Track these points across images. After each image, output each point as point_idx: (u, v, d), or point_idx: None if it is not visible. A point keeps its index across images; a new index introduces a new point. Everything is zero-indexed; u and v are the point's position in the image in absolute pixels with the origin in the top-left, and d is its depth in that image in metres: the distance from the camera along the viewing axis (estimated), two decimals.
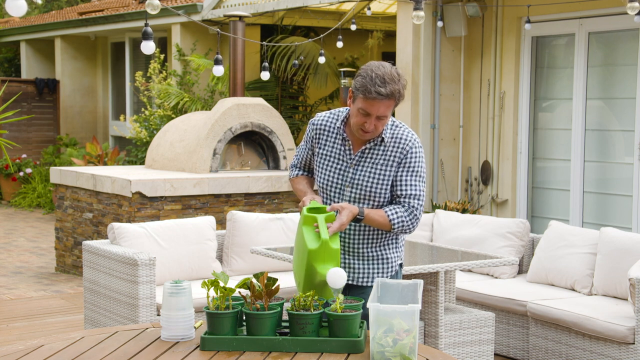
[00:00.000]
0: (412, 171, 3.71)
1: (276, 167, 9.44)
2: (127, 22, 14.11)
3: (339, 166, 3.77)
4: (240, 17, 9.38)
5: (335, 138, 3.80)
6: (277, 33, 12.72)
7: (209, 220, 6.37)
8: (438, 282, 5.32)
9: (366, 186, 3.72)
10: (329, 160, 3.80)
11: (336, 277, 3.41)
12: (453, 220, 6.96)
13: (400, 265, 3.94)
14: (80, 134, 16.48)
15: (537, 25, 8.75)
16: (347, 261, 3.83)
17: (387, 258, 3.85)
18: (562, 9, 8.40)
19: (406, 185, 3.71)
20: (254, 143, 9.49)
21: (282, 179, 8.94)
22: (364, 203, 3.74)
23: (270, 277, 3.33)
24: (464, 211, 8.75)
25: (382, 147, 3.72)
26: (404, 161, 3.70)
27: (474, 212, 8.94)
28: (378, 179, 3.71)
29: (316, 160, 3.87)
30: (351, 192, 3.74)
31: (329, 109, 13.94)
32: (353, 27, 9.84)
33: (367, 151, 3.73)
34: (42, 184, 14.58)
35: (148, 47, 5.91)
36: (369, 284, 3.83)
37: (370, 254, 3.82)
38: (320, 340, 3.25)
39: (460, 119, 9.55)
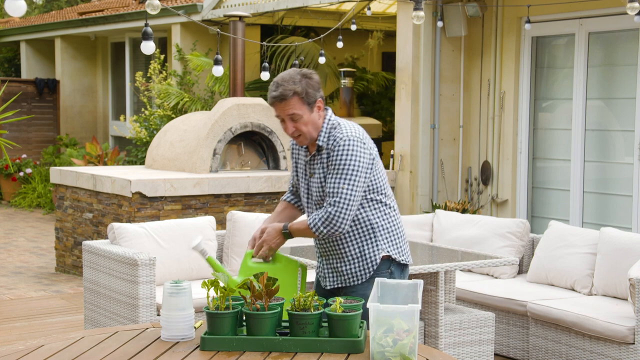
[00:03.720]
0: (334, 169, 3.70)
1: (276, 167, 9.44)
2: (127, 22, 14.11)
3: (303, 177, 3.89)
4: (240, 17, 9.38)
5: (304, 151, 3.89)
6: (277, 33, 12.72)
7: (209, 220, 6.37)
8: (438, 282, 5.32)
9: (317, 194, 3.79)
10: (300, 174, 3.92)
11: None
12: (453, 220, 6.96)
13: (392, 259, 3.87)
14: (80, 134, 16.48)
15: (537, 25, 8.75)
16: (331, 265, 3.88)
17: (365, 254, 3.82)
18: (562, 9, 8.40)
19: (329, 182, 3.71)
20: (254, 143, 9.50)
21: (282, 179, 8.94)
22: (316, 208, 3.82)
23: (270, 277, 3.34)
24: (464, 211, 8.75)
25: (322, 153, 3.77)
26: (329, 160, 3.72)
27: (474, 212, 8.94)
28: (323, 185, 3.76)
29: None
30: (307, 200, 3.86)
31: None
32: (353, 27, 9.85)
33: (313, 160, 3.81)
34: (42, 184, 14.59)
35: (148, 47, 5.92)
36: (357, 282, 3.84)
37: (349, 253, 3.83)
38: (320, 340, 3.25)
39: (460, 119, 9.55)
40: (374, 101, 13.31)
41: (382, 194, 3.79)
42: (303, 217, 3.84)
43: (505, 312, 6.03)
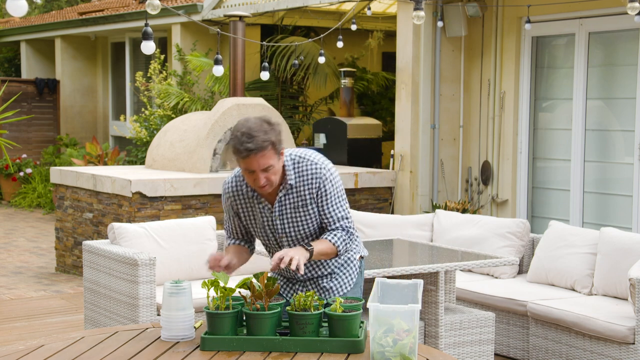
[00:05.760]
0: (332, 198, 3.67)
1: None
2: (127, 22, 14.11)
3: (266, 222, 3.72)
4: (240, 17, 9.38)
5: (250, 198, 3.72)
6: (277, 33, 12.72)
7: (209, 220, 6.37)
8: (438, 282, 5.32)
9: (299, 230, 3.69)
10: (256, 220, 3.75)
11: None
12: (453, 220, 6.96)
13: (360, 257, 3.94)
14: (80, 134, 16.48)
15: (537, 25, 8.75)
16: (318, 283, 3.82)
17: (349, 265, 3.85)
18: (562, 9, 8.40)
19: (332, 212, 3.67)
20: None
21: None
22: (302, 242, 3.71)
23: (270, 277, 3.34)
24: (464, 211, 8.75)
25: (294, 191, 3.65)
26: (319, 193, 3.65)
27: (474, 212, 8.94)
28: (305, 220, 3.68)
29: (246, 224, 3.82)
30: (287, 240, 3.71)
31: (329, 109, 13.85)
32: (353, 27, 9.85)
33: (282, 199, 3.66)
34: (42, 184, 14.59)
35: (148, 47, 5.91)
36: (347, 289, 3.84)
37: (333, 269, 3.82)
38: (320, 340, 3.25)
39: (460, 119, 9.55)
40: (374, 101, 13.31)
41: None
42: (321, 241, 3.67)
43: (505, 312, 6.03)
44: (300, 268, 3.46)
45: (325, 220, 3.69)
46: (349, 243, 3.71)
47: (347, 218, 3.71)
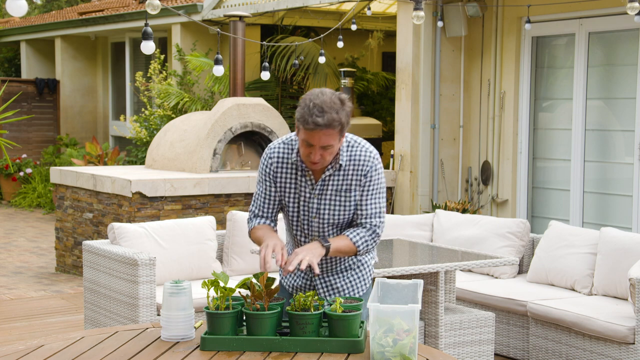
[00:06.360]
0: (373, 190, 3.60)
1: None
2: (127, 22, 14.12)
3: (303, 197, 3.63)
4: (241, 17, 9.38)
5: (295, 169, 3.63)
6: (277, 33, 12.73)
7: (209, 220, 6.37)
8: (438, 282, 5.33)
9: (334, 215, 3.60)
10: (291, 192, 3.64)
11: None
12: (453, 220, 6.96)
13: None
14: (80, 134, 16.48)
15: (537, 25, 8.75)
16: (331, 283, 3.75)
17: (364, 267, 3.79)
18: (562, 9, 8.40)
19: (367, 205, 3.60)
20: (254, 143, 9.50)
21: None
22: (331, 229, 3.63)
23: (270, 277, 3.33)
24: (464, 211, 8.75)
25: (341, 172, 3.58)
26: (363, 182, 3.58)
27: (474, 212, 8.94)
28: (344, 206, 3.60)
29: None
30: (319, 222, 3.62)
31: None
32: (353, 27, 9.85)
33: (327, 179, 3.59)
34: (42, 184, 14.59)
35: (148, 47, 5.92)
36: (359, 293, 3.78)
37: (348, 267, 3.75)
38: (320, 340, 3.25)
39: (460, 119, 9.55)
40: (374, 101, 13.31)
41: None
42: (341, 237, 3.59)
43: (505, 312, 6.03)
44: (314, 267, 3.39)
45: (359, 211, 3.60)
46: (370, 244, 3.61)
47: (379, 217, 3.61)
